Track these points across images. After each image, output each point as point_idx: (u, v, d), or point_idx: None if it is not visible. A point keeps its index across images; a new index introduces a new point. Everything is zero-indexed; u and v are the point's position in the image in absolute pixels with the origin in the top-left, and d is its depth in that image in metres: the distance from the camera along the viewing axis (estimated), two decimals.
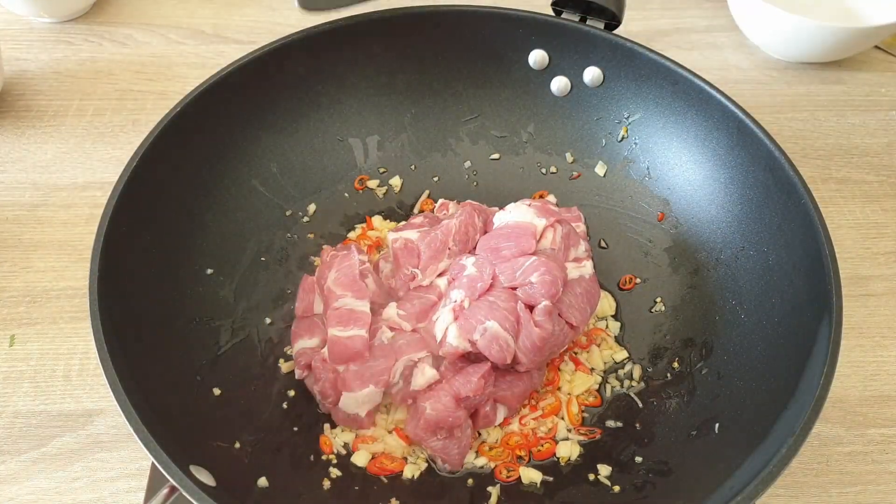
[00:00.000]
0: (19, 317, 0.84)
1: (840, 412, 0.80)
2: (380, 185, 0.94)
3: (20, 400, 0.78)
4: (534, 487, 0.71)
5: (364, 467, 0.72)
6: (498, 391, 0.74)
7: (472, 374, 0.71)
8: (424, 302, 0.78)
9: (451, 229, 0.80)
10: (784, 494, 0.74)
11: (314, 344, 0.78)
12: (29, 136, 1.02)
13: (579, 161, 0.94)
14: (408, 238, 0.82)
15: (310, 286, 0.82)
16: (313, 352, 0.77)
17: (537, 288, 0.73)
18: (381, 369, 0.73)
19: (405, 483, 0.72)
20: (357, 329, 0.75)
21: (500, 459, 0.73)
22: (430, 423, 0.70)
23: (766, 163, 0.75)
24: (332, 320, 0.76)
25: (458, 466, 0.72)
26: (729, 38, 1.21)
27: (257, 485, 0.66)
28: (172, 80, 1.10)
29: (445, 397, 0.70)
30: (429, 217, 0.87)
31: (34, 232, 0.91)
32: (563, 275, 0.75)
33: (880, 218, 0.98)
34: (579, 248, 0.81)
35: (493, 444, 0.75)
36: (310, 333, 0.79)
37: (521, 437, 0.75)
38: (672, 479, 0.68)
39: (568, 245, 0.79)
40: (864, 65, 1.17)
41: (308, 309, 0.81)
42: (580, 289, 0.77)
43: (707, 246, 0.82)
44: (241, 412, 0.73)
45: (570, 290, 0.76)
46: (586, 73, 0.90)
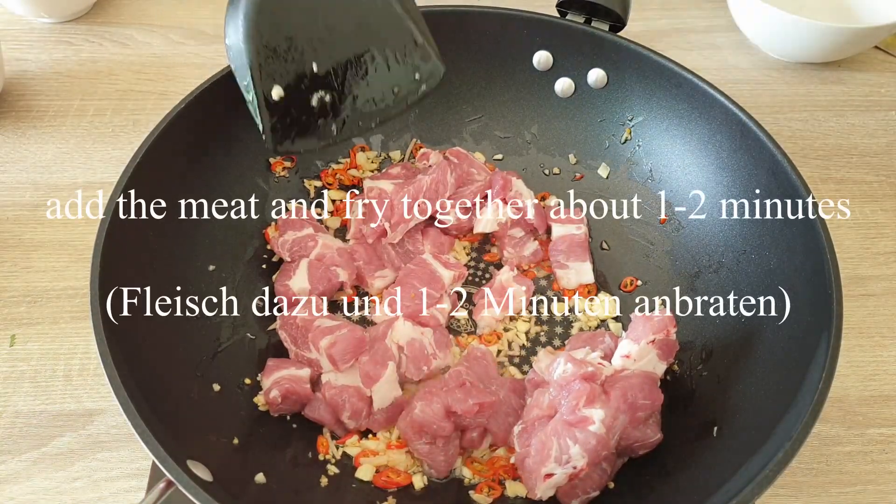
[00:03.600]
0: (19, 317, 0.84)
1: (840, 412, 0.80)
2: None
3: (20, 400, 0.78)
4: (520, 502, 0.70)
5: (370, 481, 0.71)
6: (491, 424, 0.72)
7: (472, 397, 0.70)
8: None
9: (423, 187, 0.83)
10: (784, 494, 0.74)
11: (289, 373, 0.75)
12: (29, 137, 1.01)
13: (582, 162, 0.94)
14: (382, 189, 0.85)
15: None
16: (293, 380, 0.74)
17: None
18: (384, 348, 0.75)
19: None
20: (347, 328, 0.76)
21: (485, 476, 0.72)
22: (415, 423, 0.70)
23: (769, 166, 0.75)
24: (320, 335, 0.76)
25: (443, 474, 0.72)
26: (729, 38, 1.21)
27: (255, 480, 0.67)
28: (173, 80, 1.10)
29: (436, 405, 0.70)
30: (406, 168, 0.89)
31: (34, 232, 0.91)
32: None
33: (880, 218, 0.98)
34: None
35: (480, 459, 0.74)
36: (282, 367, 0.76)
37: (507, 462, 0.72)
38: (670, 482, 0.68)
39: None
40: (863, 65, 1.17)
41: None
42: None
43: (709, 249, 0.82)
44: (240, 408, 0.73)
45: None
46: (590, 75, 0.90)
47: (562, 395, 0.67)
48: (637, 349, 0.71)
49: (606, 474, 0.68)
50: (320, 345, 0.75)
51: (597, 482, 0.67)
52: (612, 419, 0.66)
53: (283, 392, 0.72)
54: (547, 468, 0.65)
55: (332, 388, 0.73)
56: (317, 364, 0.76)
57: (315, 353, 0.75)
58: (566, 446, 0.64)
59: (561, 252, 0.86)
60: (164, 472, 0.55)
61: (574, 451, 0.64)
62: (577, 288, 0.86)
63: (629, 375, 0.70)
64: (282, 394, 0.72)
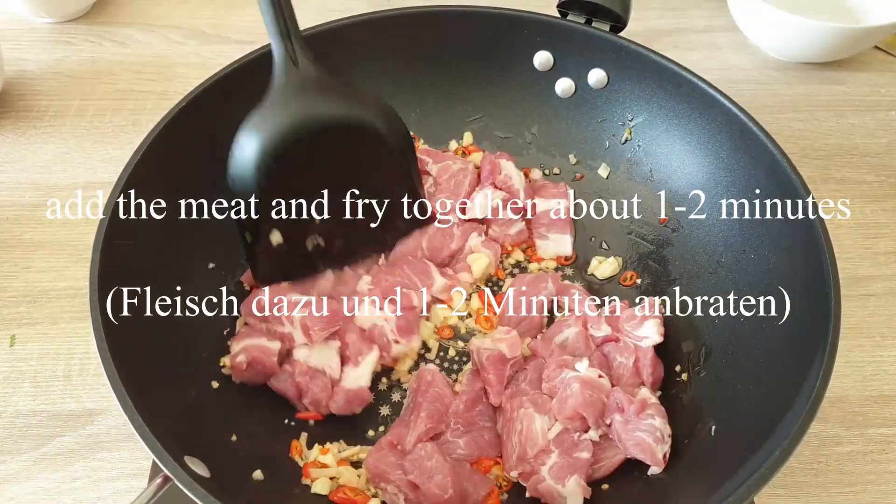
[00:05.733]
0: (19, 317, 0.84)
1: (840, 412, 0.80)
2: None
3: (20, 400, 0.78)
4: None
5: (326, 496, 0.70)
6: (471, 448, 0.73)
7: (413, 432, 0.71)
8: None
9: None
10: (784, 494, 0.74)
11: (259, 342, 0.75)
12: (29, 136, 1.01)
13: (582, 162, 0.94)
14: None
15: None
16: (262, 350, 0.74)
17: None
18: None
19: None
20: (321, 301, 0.77)
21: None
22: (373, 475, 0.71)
23: (769, 166, 0.75)
24: (293, 305, 0.76)
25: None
26: (729, 38, 1.21)
27: (252, 477, 0.67)
28: (173, 80, 1.10)
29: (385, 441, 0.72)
30: None
31: (34, 232, 0.91)
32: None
33: (880, 218, 0.98)
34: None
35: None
36: (253, 335, 0.76)
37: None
38: (667, 480, 0.68)
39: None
40: (864, 65, 1.17)
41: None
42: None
43: (708, 249, 0.82)
44: (239, 405, 0.74)
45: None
46: (591, 75, 0.90)
47: (611, 411, 0.72)
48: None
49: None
50: (293, 315, 0.75)
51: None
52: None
53: (250, 359, 0.73)
54: (659, 452, 0.69)
55: (301, 369, 0.73)
56: (289, 338, 0.75)
57: (288, 325, 0.75)
58: (654, 427, 0.70)
59: (543, 224, 0.89)
60: (162, 467, 0.55)
61: (658, 423, 0.70)
62: (554, 258, 0.88)
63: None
64: (248, 360, 0.73)
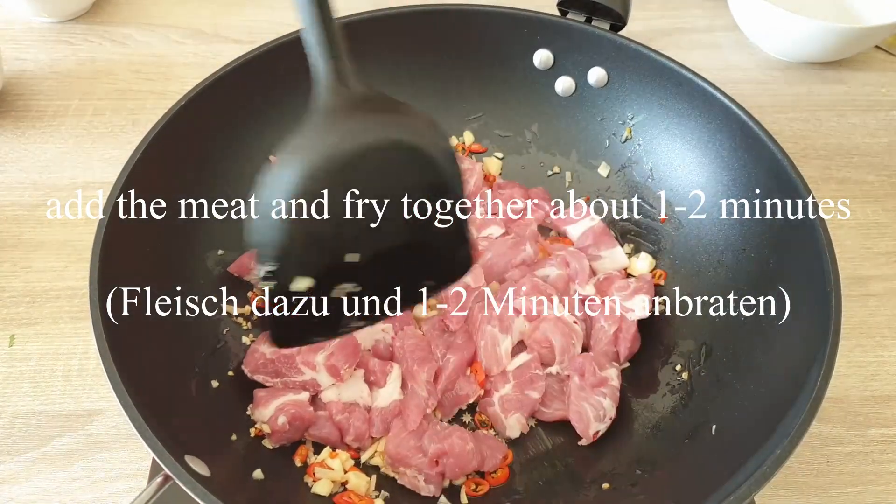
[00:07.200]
0: (19, 317, 0.84)
1: (840, 412, 0.80)
2: None
3: (20, 400, 0.78)
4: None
5: (326, 496, 0.69)
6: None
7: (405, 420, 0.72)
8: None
9: None
10: (784, 494, 0.74)
11: (289, 398, 0.73)
12: (29, 136, 1.01)
13: (583, 161, 0.94)
14: None
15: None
16: (297, 405, 0.72)
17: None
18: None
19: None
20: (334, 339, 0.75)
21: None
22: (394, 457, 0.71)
23: (769, 166, 0.75)
24: (310, 352, 0.75)
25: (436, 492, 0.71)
26: (729, 37, 1.21)
27: (252, 476, 0.67)
28: (172, 79, 1.10)
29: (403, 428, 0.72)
30: None
31: (34, 232, 0.91)
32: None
33: (881, 218, 0.98)
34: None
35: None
36: (277, 395, 0.74)
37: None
38: (665, 480, 0.68)
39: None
40: (864, 65, 1.17)
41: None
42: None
43: (709, 248, 0.82)
44: (239, 405, 0.74)
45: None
46: (591, 74, 0.90)
47: (575, 368, 0.76)
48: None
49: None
50: (316, 360, 0.74)
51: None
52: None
53: (290, 418, 0.71)
54: (592, 429, 0.74)
55: (338, 408, 0.73)
56: (312, 384, 0.74)
57: (310, 372, 0.74)
58: (601, 405, 0.74)
59: (590, 245, 0.87)
60: (163, 466, 0.55)
61: (607, 404, 0.74)
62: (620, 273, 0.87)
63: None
64: (289, 419, 0.71)
